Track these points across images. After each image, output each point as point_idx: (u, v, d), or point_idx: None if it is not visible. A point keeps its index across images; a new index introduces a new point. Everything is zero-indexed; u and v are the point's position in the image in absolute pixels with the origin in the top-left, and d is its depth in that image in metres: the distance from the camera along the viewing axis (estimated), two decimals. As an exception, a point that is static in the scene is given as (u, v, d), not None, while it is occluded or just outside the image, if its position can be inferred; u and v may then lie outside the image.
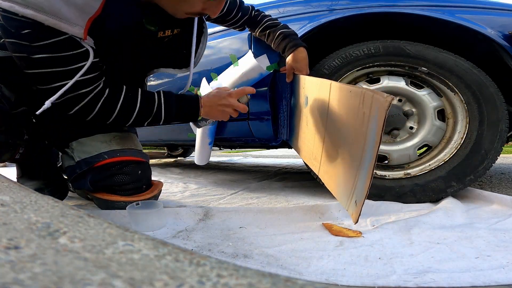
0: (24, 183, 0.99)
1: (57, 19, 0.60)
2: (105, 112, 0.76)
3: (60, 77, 0.67)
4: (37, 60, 0.63)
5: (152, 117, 0.81)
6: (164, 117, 0.83)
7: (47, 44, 0.62)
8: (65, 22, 0.61)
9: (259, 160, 3.33)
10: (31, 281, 0.19)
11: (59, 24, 0.60)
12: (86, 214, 0.35)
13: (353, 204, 0.68)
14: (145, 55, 0.87)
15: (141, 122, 0.82)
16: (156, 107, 0.81)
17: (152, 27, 0.78)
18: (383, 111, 0.54)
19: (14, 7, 0.57)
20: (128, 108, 0.78)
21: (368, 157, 0.60)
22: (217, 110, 0.86)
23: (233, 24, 1.08)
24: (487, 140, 0.95)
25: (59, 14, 0.59)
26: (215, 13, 0.74)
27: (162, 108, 0.82)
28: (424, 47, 1.00)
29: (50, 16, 0.59)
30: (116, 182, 0.86)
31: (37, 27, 0.60)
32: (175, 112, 0.83)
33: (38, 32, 0.60)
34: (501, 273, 0.51)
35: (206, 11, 0.72)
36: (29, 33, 0.60)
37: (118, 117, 0.78)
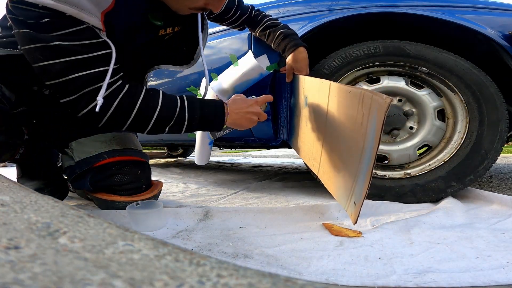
0: (24, 183, 0.99)
1: (78, 9, 0.58)
2: (123, 111, 0.69)
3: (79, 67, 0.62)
4: (56, 48, 0.60)
5: (174, 120, 0.73)
6: (188, 121, 0.74)
7: (68, 32, 0.60)
8: (85, 12, 0.60)
9: (259, 160, 3.33)
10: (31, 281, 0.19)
11: (80, 13, 0.59)
12: (86, 214, 0.35)
13: (352, 205, 0.68)
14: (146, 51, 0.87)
15: (162, 126, 0.73)
16: (179, 108, 0.73)
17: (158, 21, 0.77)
18: (382, 112, 0.54)
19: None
20: (148, 106, 0.70)
21: (367, 158, 0.60)
22: (246, 118, 0.80)
23: (233, 23, 1.08)
24: (487, 140, 0.95)
25: (79, 4, 0.58)
26: (217, 8, 0.73)
27: (186, 110, 0.74)
28: (424, 47, 1.00)
29: (71, 6, 0.58)
30: (116, 182, 0.86)
31: (57, 16, 0.58)
32: (200, 116, 0.75)
33: (59, 21, 0.59)
34: (501, 273, 0.51)
35: (208, 6, 0.71)
36: (49, 22, 0.58)
37: (137, 117, 0.70)
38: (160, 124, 0.73)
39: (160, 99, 0.72)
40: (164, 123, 0.73)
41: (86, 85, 0.64)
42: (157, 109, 0.71)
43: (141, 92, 0.71)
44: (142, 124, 0.72)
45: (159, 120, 0.72)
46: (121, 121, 0.70)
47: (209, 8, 0.73)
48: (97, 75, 0.64)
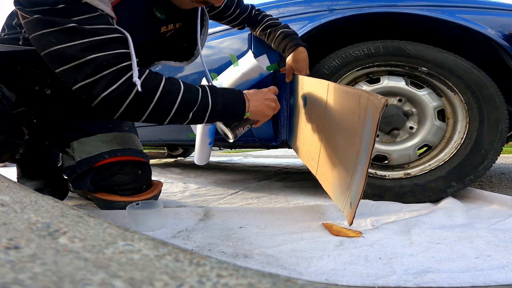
0: (25, 183, 0.99)
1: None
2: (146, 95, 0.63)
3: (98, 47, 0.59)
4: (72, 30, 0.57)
5: (198, 105, 0.68)
6: (211, 106, 0.70)
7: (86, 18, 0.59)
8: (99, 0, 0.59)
9: (259, 160, 3.33)
10: (31, 281, 0.19)
11: (95, 1, 0.58)
12: (86, 214, 0.35)
13: (348, 206, 0.68)
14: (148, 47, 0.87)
15: (186, 111, 0.68)
16: (201, 94, 0.69)
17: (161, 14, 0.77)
18: (377, 113, 0.54)
19: None
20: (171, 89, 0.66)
21: (363, 159, 0.60)
22: (266, 105, 0.78)
23: (232, 21, 1.08)
24: (487, 140, 0.95)
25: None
26: (219, 1, 0.73)
27: (209, 96, 0.70)
28: (424, 47, 1.00)
29: None
30: (116, 182, 0.86)
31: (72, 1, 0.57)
32: (222, 101, 0.71)
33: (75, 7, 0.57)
34: (501, 273, 0.51)
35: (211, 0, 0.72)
36: (65, 7, 0.56)
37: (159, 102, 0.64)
38: (184, 110, 0.68)
39: (182, 83, 0.68)
40: (188, 108, 0.68)
41: (105, 66, 0.59)
42: (180, 92, 0.66)
43: (162, 76, 0.67)
44: (164, 111, 0.66)
45: (182, 105, 0.67)
46: (142, 108, 0.64)
47: (211, 1, 0.73)
48: (117, 56, 0.60)
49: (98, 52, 0.59)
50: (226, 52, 1.23)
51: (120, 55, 0.61)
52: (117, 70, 0.60)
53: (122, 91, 0.61)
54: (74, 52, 0.58)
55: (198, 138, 1.30)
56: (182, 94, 0.66)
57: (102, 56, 0.59)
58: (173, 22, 0.84)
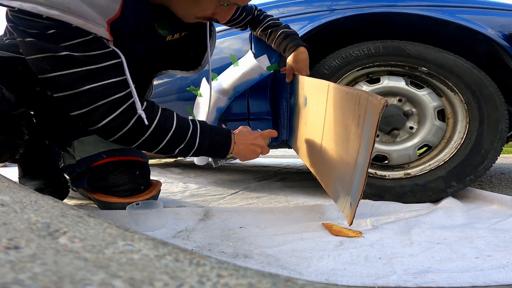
0: (26, 183, 0.99)
1: (84, 19, 0.57)
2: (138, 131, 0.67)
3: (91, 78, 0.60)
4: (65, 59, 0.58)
5: (185, 143, 0.73)
6: (198, 145, 0.75)
7: (76, 43, 0.58)
8: (92, 22, 0.58)
9: (259, 160, 3.33)
10: (31, 281, 0.19)
11: (87, 24, 0.57)
12: (86, 214, 0.35)
13: (348, 206, 0.68)
14: (154, 56, 0.87)
15: (173, 147, 0.73)
16: (190, 132, 0.73)
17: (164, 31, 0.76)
18: (377, 113, 0.54)
19: (38, 8, 0.53)
20: (163, 128, 0.70)
21: (363, 159, 0.60)
22: (250, 150, 0.82)
23: (237, 24, 1.08)
24: (487, 140, 0.95)
25: (84, 15, 0.57)
26: (225, 19, 0.72)
27: (197, 136, 0.74)
28: (424, 47, 1.00)
29: (77, 17, 0.56)
30: (113, 183, 0.85)
31: (63, 27, 0.56)
32: (209, 142, 0.76)
33: (65, 32, 0.57)
34: (501, 273, 0.51)
35: (216, 16, 0.71)
36: (55, 33, 0.56)
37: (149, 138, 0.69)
38: (171, 146, 0.72)
39: (175, 121, 0.72)
40: (175, 145, 0.73)
41: (100, 97, 0.62)
42: (171, 130, 0.71)
43: (158, 112, 0.70)
44: (153, 144, 0.71)
45: (171, 141, 0.71)
46: (133, 139, 0.68)
47: (216, 18, 0.72)
48: (113, 86, 0.62)
49: (92, 83, 0.60)
50: (227, 52, 1.23)
51: (116, 84, 0.63)
52: (114, 101, 0.63)
53: (121, 122, 0.64)
54: (69, 82, 0.59)
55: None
56: (173, 131, 0.71)
57: (97, 86, 0.60)
58: (179, 31, 0.83)
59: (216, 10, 0.69)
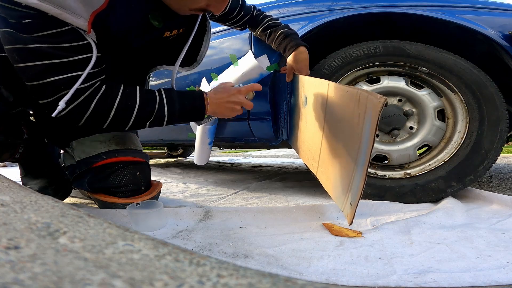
0: (28, 182, 0.99)
1: (61, 9, 0.57)
2: (101, 112, 0.70)
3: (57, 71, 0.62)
4: (34, 51, 0.59)
5: (154, 115, 0.75)
6: (168, 115, 0.76)
7: (48, 34, 0.59)
8: (70, 13, 0.58)
9: (259, 160, 3.33)
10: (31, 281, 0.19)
11: (64, 14, 0.58)
12: (86, 214, 0.35)
13: (348, 206, 0.68)
14: (148, 52, 0.86)
15: (142, 122, 0.75)
16: (158, 103, 0.74)
17: (157, 22, 0.75)
18: (376, 112, 0.54)
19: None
20: (126, 105, 0.72)
21: (362, 158, 0.60)
22: (225, 107, 0.81)
23: (235, 23, 1.07)
24: (487, 140, 0.95)
25: (63, 5, 0.57)
26: (219, 10, 0.72)
27: (165, 105, 0.75)
28: (424, 47, 1.00)
29: (54, 6, 0.56)
30: (113, 184, 0.85)
31: (39, 16, 0.57)
32: (179, 108, 0.77)
33: (40, 22, 0.58)
34: (502, 273, 0.51)
35: (210, 8, 0.70)
36: (30, 23, 0.57)
37: (116, 117, 0.71)
38: (140, 121, 0.74)
39: (138, 97, 0.73)
40: (143, 120, 0.75)
41: (62, 89, 0.64)
42: (135, 108, 0.72)
43: (118, 93, 0.71)
44: (121, 124, 0.73)
45: (138, 118, 0.73)
46: (99, 123, 0.71)
47: (210, 9, 0.71)
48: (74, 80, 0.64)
49: (57, 75, 0.62)
50: (227, 52, 1.23)
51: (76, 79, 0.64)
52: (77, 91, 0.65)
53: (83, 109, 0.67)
54: (36, 73, 0.62)
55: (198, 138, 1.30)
56: (137, 109, 0.72)
57: (60, 79, 0.63)
58: (177, 28, 0.83)
59: (209, 1, 0.68)
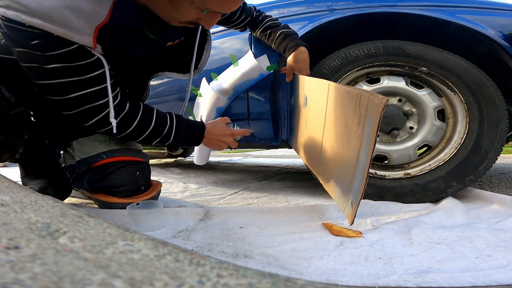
0: (28, 182, 0.99)
1: (66, 29, 0.58)
2: (121, 128, 0.76)
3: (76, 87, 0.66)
4: (51, 70, 0.62)
5: (161, 137, 0.83)
6: (173, 139, 0.85)
7: (59, 54, 0.61)
8: (74, 31, 0.59)
9: (259, 160, 3.33)
10: (31, 281, 0.19)
11: (69, 33, 0.59)
12: (86, 214, 0.35)
13: (349, 206, 0.68)
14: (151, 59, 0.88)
15: (150, 141, 0.84)
16: (167, 128, 0.83)
17: (152, 35, 0.75)
18: (378, 113, 0.54)
19: (20, 16, 0.54)
20: (143, 126, 0.80)
21: (364, 158, 0.60)
22: (215, 143, 0.93)
23: (236, 25, 1.08)
24: (487, 140, 0.95)
25: (67, 23, 0.58)
26: (210, 25, 0.72)
27: (173, 131, 0.84)
28: (424, 47, 1.00)
29: (58, 26, 0.57)
30: (113, 183, 0.85)
31: (46, 37, 0.58)
32: (183, 136, 0.87)
33: (48, 42, 0.59)
34: (502, 273, 0.51)
35: (201, 22, 0.70)
36: (39, 43, 0.59)
37: (131, 133, 0.79)
38: (148, 139, 0.83)
39: (154, 120, 0.81)
40: (152, 139, 0.83)
41: (84, 103, 0.69)
42: (149, 128, 0.80)
43: (139, 112, 0.79)
44: (133, 138, 0.82)
45: (148, 136, 0.82)
46: (116, 134, 0.78)
47: (201, 24, 0.71)
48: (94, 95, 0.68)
49: (77, 92, 0.66)
50: (227, 52, 1.23)
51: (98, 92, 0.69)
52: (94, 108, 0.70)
53: (99, 125, 0.73)
54: (55, 90, 0.66)
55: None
56: (150, 131, 0.81)
57: (81, 95, 0.67)
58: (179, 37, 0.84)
59: (199, 15, 0.68)
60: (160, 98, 1.49)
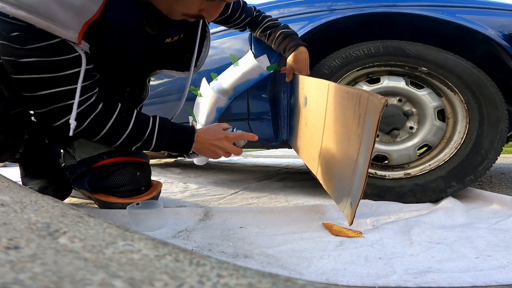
0: (28, 182, 0.99)
1: (50, 22, 0.57)
2: (93, 130, 0.73)
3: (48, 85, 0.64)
4: (25, 65, 0.61)
5: (142, 142, 0.78)
6: (155, 144, 0.80)
7: (37, 47, 0.60)
8: (59, 25, 0.58)
9: (259, 160, 3.33)
10: (31, 281, 0.19)
11: (52, 27, 0.58)
12: (86, 214, 0.35)
13: (348, 206, 0.68)
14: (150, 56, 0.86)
15: (129, 145, 0.79)
16: (148, 132, 0.78)
17: (151, 29, 0.74)
18: (377, 113, 0.54)
19: (6, 8, 0.54)
20: (118, 129, 0.75)
21: (363, 158, 0.60)
22: (209, 150, 0.84)
23: (236, 25, 1.08)
24: (487, 140, 0.95)
25: (53, 17, 0.57)
26: (212, 16, 0.71)
27: (154, 135, 0.79)
28: (424, 47, 1.00)
29: (43, 18, 0.56)
30: (114, 184, 0.85)
31: (28, 29, 0.57)
32: (168, 141, 0.81)
33: (29, 35, 0.58)
34: (502, 273, 0.51)
35: (203, 13, 0.69)
36: (19, 35, 0.58)
37: (105, 137, 0.75)
38: (127, 144, 0.78)
39: (132, 123, 0.76)
40: (130, 144, 0.78)
41: (54, 102, 0.66)
42: (126, 132, 0.76)
43: (114, 113, 0.74)
44: (109, 142, 0.77)
45: (126, 140, 0.77)
46: (90, 137, 0.75)
47: (204, 16, 0.70)
48: (65, 94, 0.66)
49: (49, 89, 0.64)
50: (227, 52, 1.23)
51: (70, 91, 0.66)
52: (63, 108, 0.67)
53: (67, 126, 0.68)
54: (29, 85, 0.64)
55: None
56: (126, 135, 0.76)
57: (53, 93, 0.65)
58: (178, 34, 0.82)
59: (202, 6, 0.67)
60: (160, 98, 1.49)
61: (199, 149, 0.84)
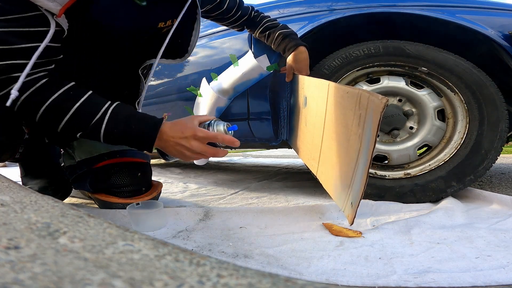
0: (28, 182, 0.99)
1: None
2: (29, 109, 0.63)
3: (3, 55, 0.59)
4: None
5: (89, 128, 0.65)
6: (104, 134, 0.66)
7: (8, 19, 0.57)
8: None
9: (259, 160, 3.33)
10: (31, 281, 0.19)
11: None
12: (86, 214, 0.35)
13: (349, 206, 0.68)
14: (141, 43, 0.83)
15: (73, 131, 0.67)
16: (97, 118, 0.65)
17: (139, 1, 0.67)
18: (378, 113, 0.54)
19: None
20: (60, 109, 0.64)
21: (364, 158, 0.60)
22: (174, 149, 0.68)
23: (233, 23, 1.07)
24: (487, 140, 0.95)
25: None
26: None
27: (105, 121, 0.65)
28: (424, 47, 1.00)
29: None
30: (115, 184, 0.85)
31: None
32: (122, 131, 0.66)
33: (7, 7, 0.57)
34: (502, 273, 0.51)
35: None
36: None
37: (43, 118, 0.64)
38: (69, 129, 0.67)
39: (79, 103, 0.65)
40: (74, 129, 0.67)
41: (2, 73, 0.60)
42: (69, 114, 0.64)
43: (57, 90, 0.64)
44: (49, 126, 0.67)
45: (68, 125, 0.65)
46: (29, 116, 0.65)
47: None
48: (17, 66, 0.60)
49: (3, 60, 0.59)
50: (227, 52, 1.23)
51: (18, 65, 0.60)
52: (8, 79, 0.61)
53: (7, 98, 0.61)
54: None
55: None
56: (69, 117, 0.64)
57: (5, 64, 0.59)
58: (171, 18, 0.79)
59: None
60: (160, 98, 1.49)
61: (164, 148, 0.69)
